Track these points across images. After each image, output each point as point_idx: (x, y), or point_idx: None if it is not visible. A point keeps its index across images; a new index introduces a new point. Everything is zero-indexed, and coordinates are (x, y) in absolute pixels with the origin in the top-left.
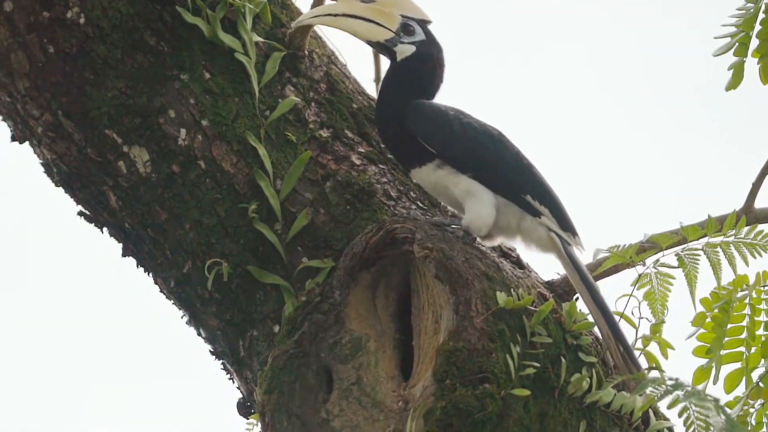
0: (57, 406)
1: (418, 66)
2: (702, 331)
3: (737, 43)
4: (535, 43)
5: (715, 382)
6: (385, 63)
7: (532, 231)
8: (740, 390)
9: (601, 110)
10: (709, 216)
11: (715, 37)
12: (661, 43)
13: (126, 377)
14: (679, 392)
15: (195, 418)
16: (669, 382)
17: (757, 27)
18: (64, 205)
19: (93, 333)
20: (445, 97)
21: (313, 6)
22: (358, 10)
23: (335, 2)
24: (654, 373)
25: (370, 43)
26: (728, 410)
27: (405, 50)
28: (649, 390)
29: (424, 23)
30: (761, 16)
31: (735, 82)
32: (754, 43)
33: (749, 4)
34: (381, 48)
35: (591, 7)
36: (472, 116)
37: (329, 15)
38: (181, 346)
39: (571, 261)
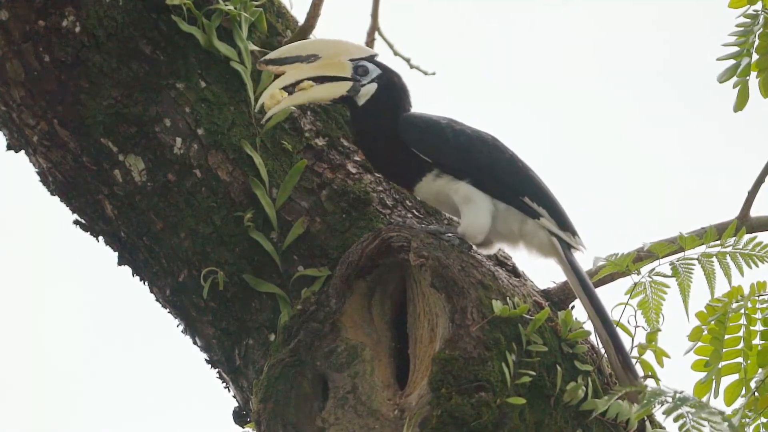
0: (54, 408)
1: (385, 97)
2: (699, 344)
3: (741, 65)
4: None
5: (715, 396)
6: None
7: (534, 235)
8: (740, 401)
9: (603, 111)
10: (710, 225)
11: (718, 59)
12: (668, 43)
13: (124, 380)
14: (686, 408)
15: (195, 420)
16: (670, 395)
17: (756, 42)
18: (60, 213)
19: (90, 336)
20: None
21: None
22: (308, 72)
23: (285, 73)
24: (650, 382)
25: (335, 101)
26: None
27: (368, 91)
28: (654, 406)
29: (372, 58)
30: (759, 30)
31: (741, 102)
32: (753, 57)
33: (747, 20)
34: (345, 100)
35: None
36: (464, 123)
37: (288, 97)
38: (181, 350)
39: (571, 266)
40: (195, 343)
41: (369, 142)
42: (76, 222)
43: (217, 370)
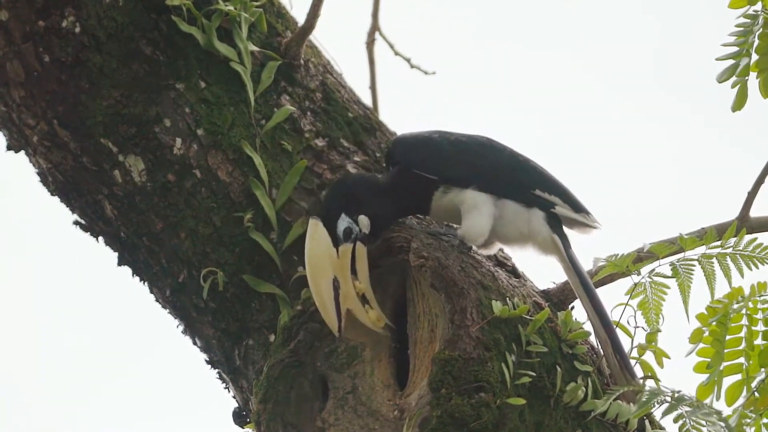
0: (54, 409)
1: (372, 208)
2: (701, 346)
3: (740, 65)
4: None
5: (717, 398)
6: (381, 69)
7: (537, 233)
8: (741, 401)
9: (601, 108)
10: (710, 226)
11: (717, 59)
12: (668, 43)
13: (123, 380)
14: (684, 408)
15: (195, 420)
16: (668, 395)
17: (756, 42)
18: (60, 213)
19: (89, 337)
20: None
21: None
22: (349, 282)
23: (348, 302)
24: (650, 383)
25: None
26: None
27: (365, 225)
28: (653, 405)
29: (334, 218)
30: (759, 30)
31: (740, 102)
32: (753, 57)
33: (747, 20)
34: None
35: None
36: (455, 132)
37: (372, 300)
38: (181, 350)
39: (572, 264)
40: (195, 343)
41: (386, 223)
42: (75, 222)
43: (216, 370)
